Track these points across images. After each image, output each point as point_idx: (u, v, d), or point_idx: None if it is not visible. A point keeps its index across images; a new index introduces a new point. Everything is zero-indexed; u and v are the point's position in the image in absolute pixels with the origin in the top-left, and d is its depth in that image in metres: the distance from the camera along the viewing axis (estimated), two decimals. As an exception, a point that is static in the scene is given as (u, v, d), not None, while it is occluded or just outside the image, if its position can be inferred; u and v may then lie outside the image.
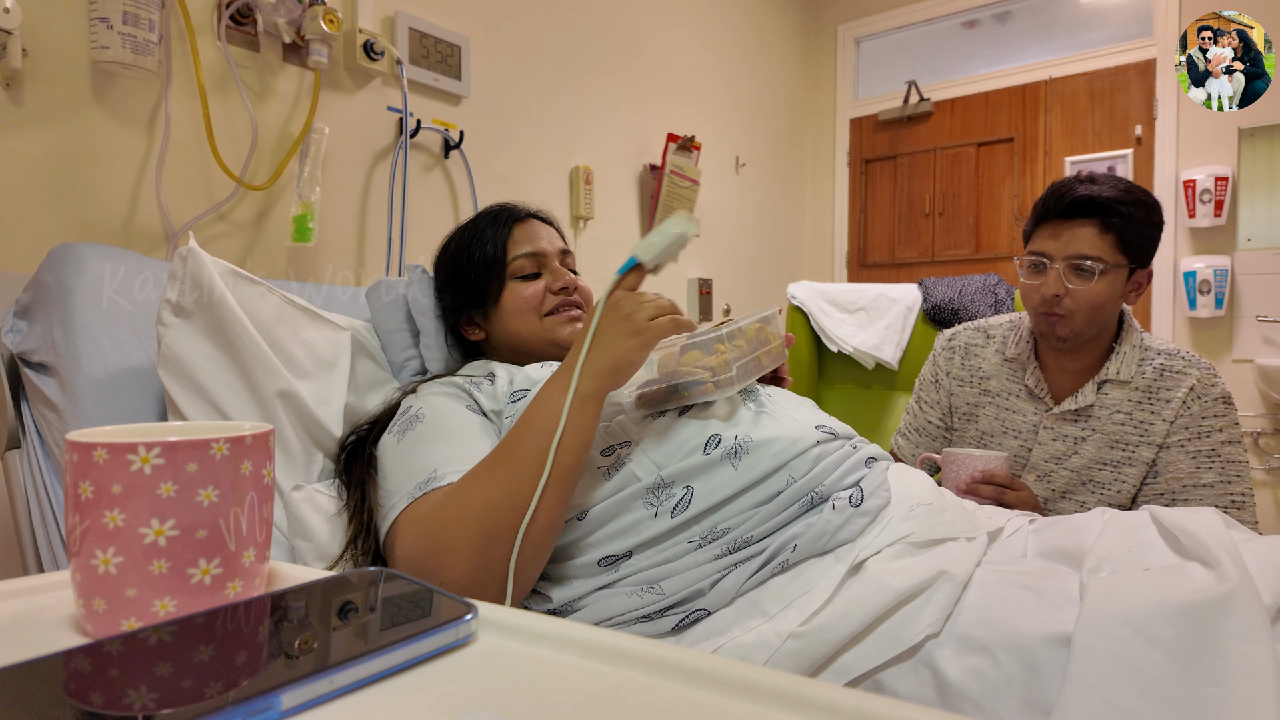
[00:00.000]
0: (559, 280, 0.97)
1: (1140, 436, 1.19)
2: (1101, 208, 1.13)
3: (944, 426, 1.42)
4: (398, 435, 0.81)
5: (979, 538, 0.70)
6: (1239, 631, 0.52)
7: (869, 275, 3.51)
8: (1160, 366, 1.19)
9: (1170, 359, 1.19)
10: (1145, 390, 1.19)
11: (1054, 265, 1.17)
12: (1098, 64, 2.98)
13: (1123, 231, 1.13)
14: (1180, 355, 1.19)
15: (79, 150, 1.23)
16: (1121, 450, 1.20)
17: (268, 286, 0.98)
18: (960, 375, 1.39)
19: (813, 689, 0.30)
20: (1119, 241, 1.14)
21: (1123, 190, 1.14)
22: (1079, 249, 1.15)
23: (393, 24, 1.72)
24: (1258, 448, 2.61)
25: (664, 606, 0.69)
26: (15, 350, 0.91)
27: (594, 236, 2.36)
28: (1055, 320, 1.18)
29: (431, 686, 0.32)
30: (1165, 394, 1.18)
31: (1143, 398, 1.19)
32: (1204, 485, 1.15)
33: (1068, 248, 1.16)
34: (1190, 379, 1.17)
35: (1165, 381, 1.18)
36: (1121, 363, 1.20)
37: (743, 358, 0.79)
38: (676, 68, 2.70)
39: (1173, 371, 1.18)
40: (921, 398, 1.45)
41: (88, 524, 0.38)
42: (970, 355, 1.38)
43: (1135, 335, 1.22)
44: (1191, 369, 1.17)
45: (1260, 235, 2.60)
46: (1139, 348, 1.21)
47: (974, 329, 1.41)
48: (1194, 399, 1.16)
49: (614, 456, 0.75)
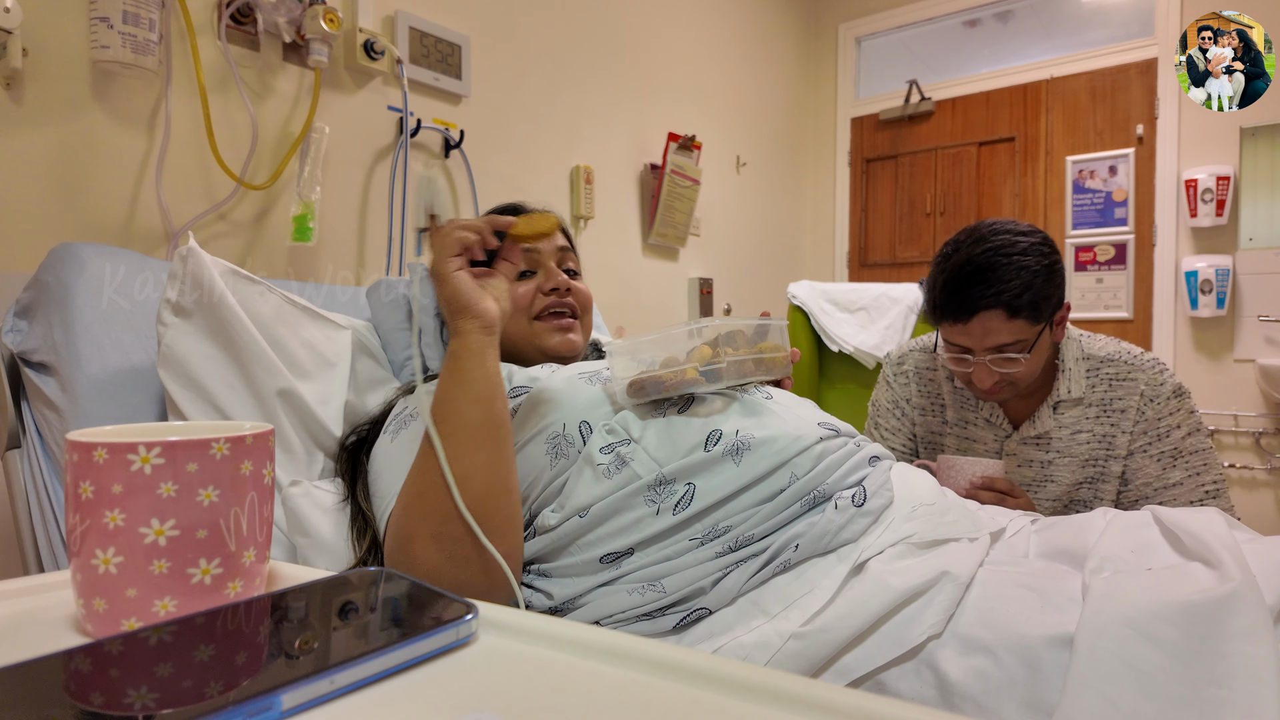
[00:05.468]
0: (550, 280, 0.92)
1: (1106, 451, 1.17)
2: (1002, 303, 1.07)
3: (909, 451, 1.38)
4: (392, 435, 0.81)
5: (981, 538, 0.70)
6: (1241, 632, 0.52)
7: (870, 275, 3.51)
8: (1109, 376, 1.16)
9: (1116, 366, 1.16)
10: (1099, 405, 1.17)
11: (977, 359, 1.12)
12: (1099, 63, 2.97)
13: (1029, 308, 1.07)
14: (1123, 360, 1.16)
15: (79, 150, 1.23)
16: (1094, 467, 1.18)
17: (268, 286, 0.97)
18: (920, 404, 1.35)
19: (814, 689, 0.30)
20: (1030, 316, 1.08)
21: (1015, 275, 1.06)
22: (996, 341, 1.09)
23: (393, 23, 1.72)
24: (1259, 447, 2.61)
25: (665, 605, 0.69)
26: (15, 350, 0.91)
27: (595, 236, 2.36)
28: (995, 392, 1.15)
29: (432, 686, 0.32)
30: (1119, 404, 1.16)
31: (1099, 412, 1.17)
32: (1174, 484, 1.13)
33: (984, 341, 1.10)
34: (1139, 383, 1.14)
35: (1116, 392, 1.16)
36: (1070, 381, 1.17)
37: (738, 356, 0.79)
38: (677, 67, 2.69)
39: (1120, 380, 1.16)
40: (880, 423, 1.39)
41: (88, 524, 0.38)
42: (924, 380, 1.34)
43: (1075, 346, 1.18)
44: (1138, 372, 1.15)
45: (1262, 235, 2.60)
46: (1083, 359, 1.18)
47: (920, 350, 1.35)
48: (1147, 403, 1.14)
49: (614, 454, 0.75)
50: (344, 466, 0.90)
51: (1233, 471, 2.65)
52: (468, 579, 0.66)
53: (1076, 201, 3.00)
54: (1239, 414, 2.63)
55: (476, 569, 0.66)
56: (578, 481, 0.75)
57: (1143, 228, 2.86)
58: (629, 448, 0.75)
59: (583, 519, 0.72)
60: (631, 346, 0.80)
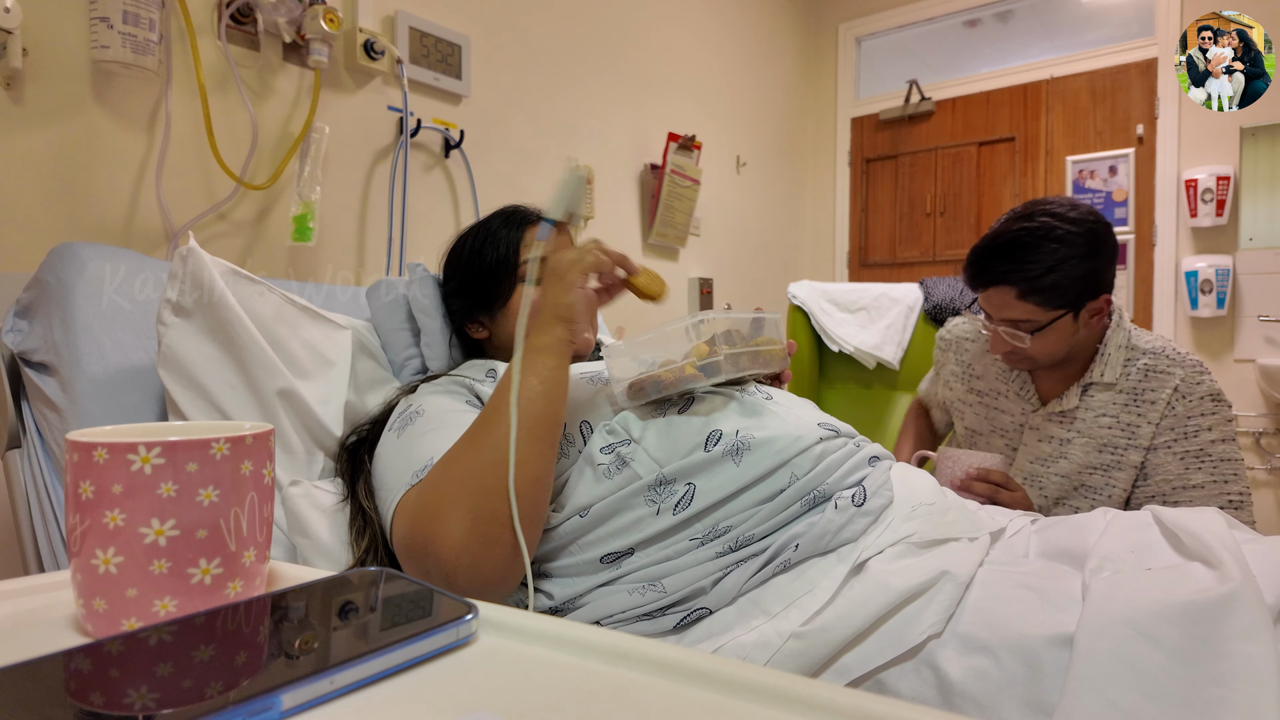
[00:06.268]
0: None
1: (1128, 440, 1.17)
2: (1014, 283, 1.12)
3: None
4: (397, 431, 0.81)
5: (981, 538, 0.70)
6: (1241, 632, 0.52)
7: (870, 275, 3.51)
8: (1145, 367, 1.17)
9: (1156, 359, 1.16)
10: (1130, 392, 1.17)
11: (993, 325, 1.18)
12: (1099, 63, 2.97)
13: (1044, 293, 1.11)
14: (1166, 354, 1.16)
15: (79, 150, 1.23)
16: (1110, 454, 1.18)
17: (268, 286, 0.97)
18: (955, 371, 1.40)
19: (814, 689, 0.30)
20: (1043, 301, 1.12)
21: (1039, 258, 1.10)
22: (1008, 315, 1.15)
23: (393, 23, 1.72)
24: (1259, 447, 2.61)
25: (665, 604, 0.69)
26: (16, 350, 0.91)
27: (595, 236, 2.36)
28: (1014, 361, 1.20)
29: (432, 686, 0.32)
30: (1150, 395, 1.16)
31: (1128, 400, 1.17)
32: (1194, 486, 1.13)
33: (999, 312, 1.16)
34: (1175, 378, 1.14)
35: (1150, 383, 1.16)
36: (1106, 365, 1.18)
37: (735, 350, 0.79)
38: (677, 67, 2.69)
39: (1157, 372, 1.16)
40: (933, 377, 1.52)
41: (88, 524, 0.38)
42: (962, 350, 1.39)
43: (1123, 334, 1.19)
44: (1176, 368, 1.15)
45: (1262, 235, 2.60)
46: (1125, 347, 1.19)
47: (965, 323, 1.42)
48: (1179, 399, 1.14)
49: (615, 454, 0.75)
50: (344, 466, 0.90)
51: (1233, 471, 2.65)
52: (489, 562, 0.65)
53: (1077, 201, 3.00)
54: (1239, 414, 2.63)
55: (501, 553, 0.65)
56: (578, 481, 0.75)
57: (1143, 228, 2.86)
58: (629, 448, 0.75)
59: (583, 519, 0.73)
60: (629, 347, 0.80)
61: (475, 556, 0.64)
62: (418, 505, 0.68)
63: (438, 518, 0.66)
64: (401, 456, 0.76)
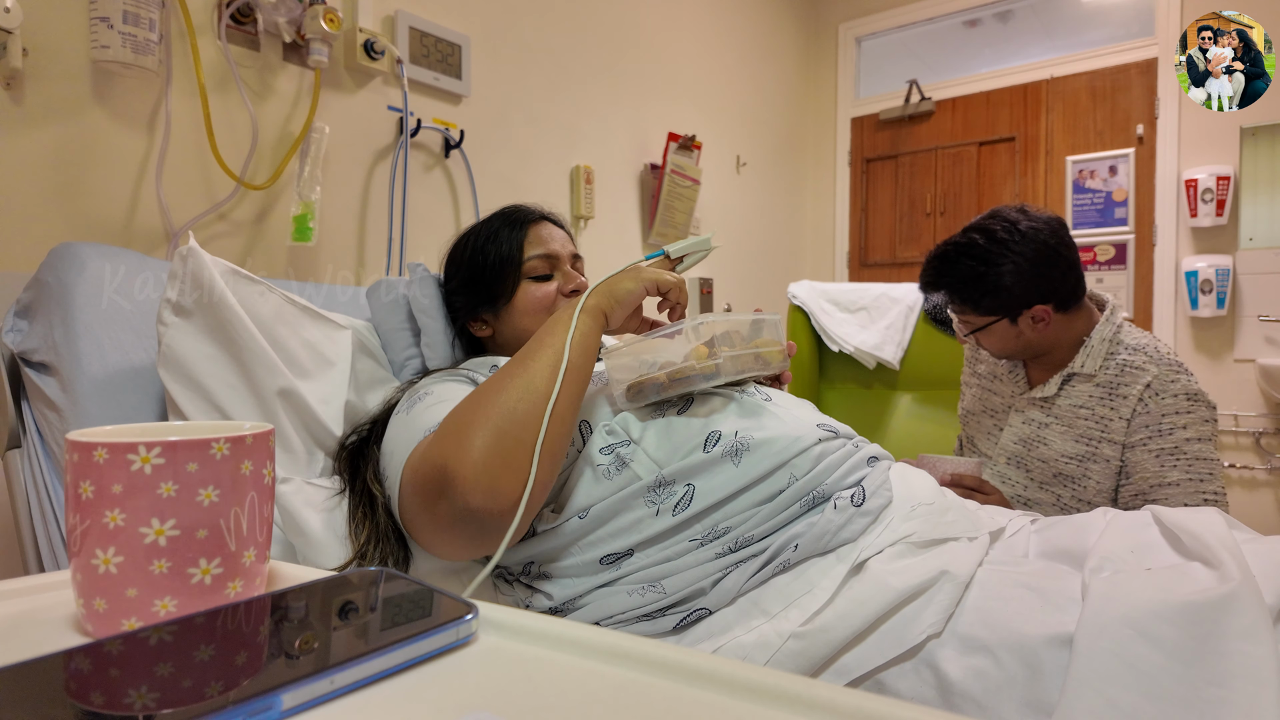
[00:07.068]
0: (570, 283, 0.99)
1: (1100, 432, 1.19)
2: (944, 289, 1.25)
3: None
4: (405, 410, 0.81)
5: (981, 538, 0.70)
6: (1241, 631, 0.52)
7: (870, 275, 3.51)
8: (1123, 362, 1.19)
9: (1134, 354, 1.19)
10: (1107, 386, 1.20)
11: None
12: (1099, 63, 2.97)
13: (973, 301, 1.22)
14: (1145, 351, 1.18)
15: (79, 150, 1.23)
16: (1085, 445, 1.20)
17: (268, 286, 0.97)
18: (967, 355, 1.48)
19: (814, 689, 0.30)
20: (974, 308, 1.23)
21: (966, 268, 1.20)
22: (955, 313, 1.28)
23: (393, 23, 1.72)
24: (1259, 447, 2.61)
25: (665, 605, 0.69)
26: (16, 350, 0.91)
27: (595, 236, 2.36)
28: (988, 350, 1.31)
29: (431, 686, 0.32)
30: (1123, 390, 1.18)
31: (1104, 394, 1.20)
32: (1171, 483, 1.14)
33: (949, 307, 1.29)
34: (1148, 375, 1.16)
35: (1125, 378, 1.18)
36: (1088, 355, 1.21)
37: (735, 352, 0.79)
38: (677, 67, 2.69)
39: (1133, 367, 1.18)
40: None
41: (88, 524, 0.38)
42: None
43: (1110, 328, 1.22)
44: (1151, 365, 1.16)
45: (1262, 234, 2.60)
46: (1110, 341, 1.21)
47: None
48: (1151, 396, 1.15)
49: (614, 455, 0.75)
50: (344, 466, 0.90)
51: (1233, 471, 2.65)
52: (506, 484, 0.65)
53: (1077, 201, 3.00)
54: (1239, 414, 2.63)
55: (515, 479, 0.66)
56: (578, 482, 0.75)
57: (1143, 228, 2.86)
58: (629, 449, 0.75)
59: (582, 520, 0.73)
60: (629, 348, 0.80)
61: (494, 477, 0.65)
62: (437, 435, 0.70)
63: (460, 436, 0.67)
64: (411, 426, 0.77)
